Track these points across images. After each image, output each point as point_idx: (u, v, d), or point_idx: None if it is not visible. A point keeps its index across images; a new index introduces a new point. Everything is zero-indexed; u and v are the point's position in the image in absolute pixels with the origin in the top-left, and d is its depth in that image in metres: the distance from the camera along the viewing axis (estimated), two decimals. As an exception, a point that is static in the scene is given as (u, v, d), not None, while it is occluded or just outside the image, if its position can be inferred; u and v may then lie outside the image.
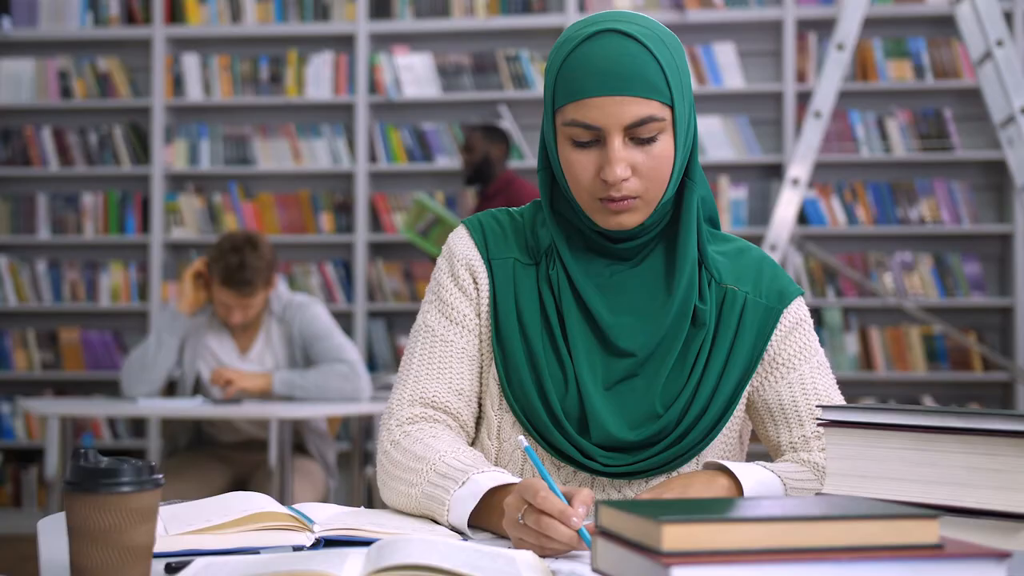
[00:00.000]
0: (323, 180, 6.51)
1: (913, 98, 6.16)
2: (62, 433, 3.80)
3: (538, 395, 1.64)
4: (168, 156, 6.47)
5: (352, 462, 4.72)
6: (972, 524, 1.23)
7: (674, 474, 1.66)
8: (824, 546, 0.97)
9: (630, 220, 1.61)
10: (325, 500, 3.98)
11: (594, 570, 1.11)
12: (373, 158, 6.39)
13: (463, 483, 1.49)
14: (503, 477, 1.49)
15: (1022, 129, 5.11)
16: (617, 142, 1.56)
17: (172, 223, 6.48)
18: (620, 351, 1.65)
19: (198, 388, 4.08)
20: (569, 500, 1.33)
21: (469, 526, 1.48)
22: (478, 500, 1.46)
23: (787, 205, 5.12)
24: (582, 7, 6.26)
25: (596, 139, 1.58)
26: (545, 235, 1.71)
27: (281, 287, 4.08)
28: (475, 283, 1.72)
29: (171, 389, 4.18)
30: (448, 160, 6.31)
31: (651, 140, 1.57)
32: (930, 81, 6.05)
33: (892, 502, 1.19)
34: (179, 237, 6.45)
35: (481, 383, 1.73)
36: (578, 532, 1.29)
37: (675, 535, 0.96)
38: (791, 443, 1.68)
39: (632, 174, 1.58)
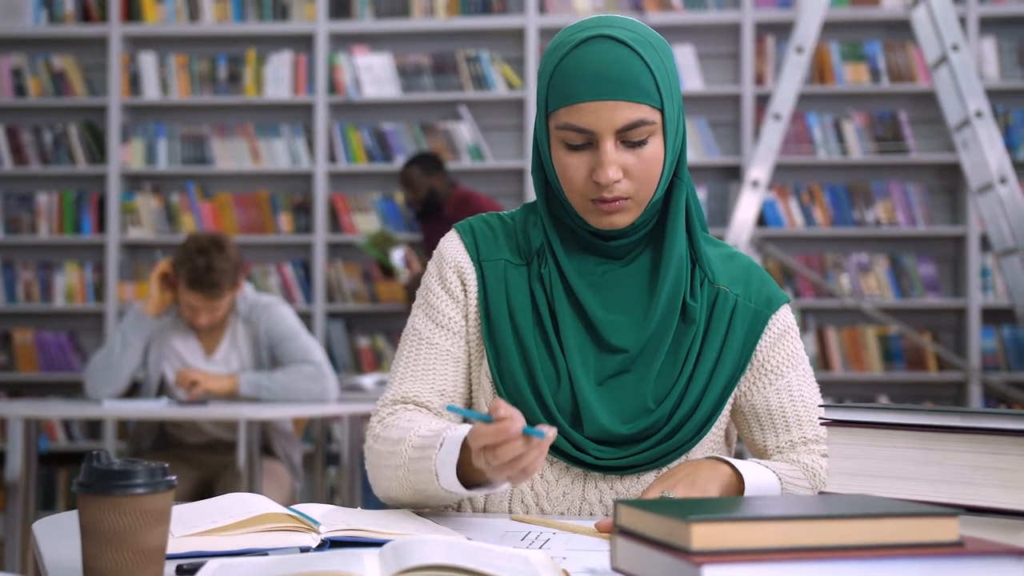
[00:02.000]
0: (282, 180, 6.48)
1: (869, 101, 6.23)
2: (25, 435, 3.76)
3: (530, 390, 1.68)
4: (125, 155, 6.41)
5: (315, 463, 4.70)
6: (977, 522, 1.25)
7: (663, 470, 1.69)
8: (849, 544, 0.99)
9: (622, 220, 1.65)
10: (292, 502, 3.96)
11: (614, 569, 1.12)
12: (332, 158, 6.37)
13: (440, 446, 1.53)
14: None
15: (977, 132, 5.18)
16: (609, 145, 1.60)
17: (129, 223, 6.42)
18: (612, 347, 1.68)
19: (163, 389, 4.05)
20: (492, 414, 1.39)
21: (466, 486, 1.52)
22: (457, 456, 1.50)
23: (747, 207, 5.16)
24: (542, 8, 6.27)
25: (588, 142, 1.62)
26: (536, 236, 1.74)
27: (247, 288, 4.06)
28: (463, 287, 1.75)
29: (135, 390, 4.14)
30: (408, 161, 6.30)
31: (642, 143, 1.61)
32: (886, 84, 6.12)
33: (899, 501, 1.21)
34: (136, 237, 6.39)
35: (471, 383, 1.76)
36: (524, 432, 1.36)
37: (704, 534, 0.97)
38: (777, 447, 1.73)
39: (624, 176, 1.62)
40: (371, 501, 4.66)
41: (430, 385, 1.73)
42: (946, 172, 6.18)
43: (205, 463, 4.01)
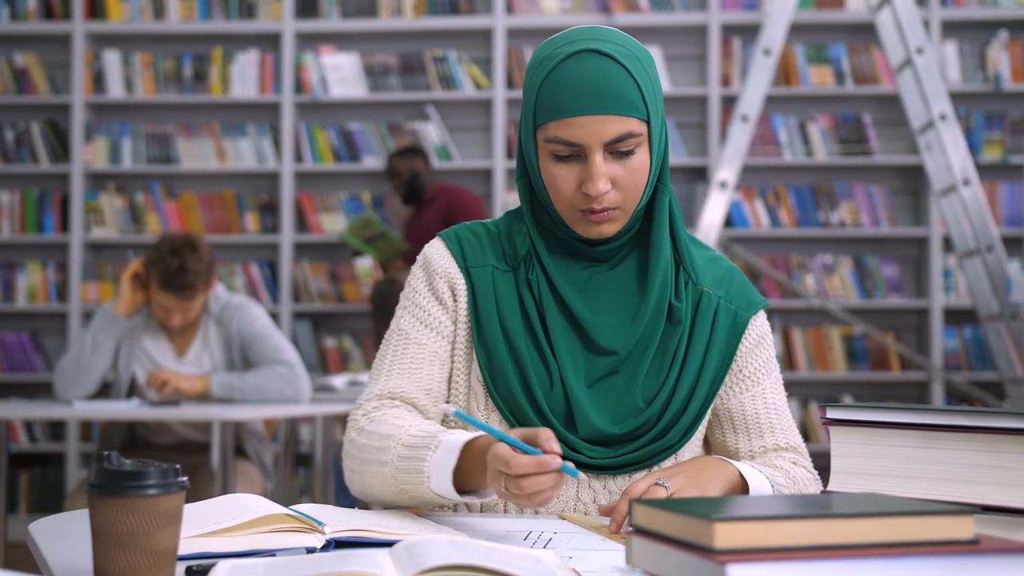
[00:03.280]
0: (248, 180, 6.45)
1: (834, 103, 6.28)
2: (-5, 436, 3.72)
3: (524, 392, 1.69)
4: (88, 154, 6.36)
5: (284, 464, 4.68)
6: (976, 520, 1.27)
7: (655, 469, 1.71)
8: (868, 542, 1.00)
9: (610, 229, 1.69)
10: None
11: (632, 567, 1.13)
12: (299, 158, 6.34)
13: (435, 448, 1.54)
14: (471, 433, 1.55)
15: (941, 134, 5.24)
16: (598, 158, 1.63)
17: (92, 223, 6.37)
18: (602, 349, 1.70)
19: (133, 390, 4.02)
20: (533, 443, 1.41)
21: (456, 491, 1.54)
22: (456, 459, 1.51)
23: (715, 207, 5.19)
24: (510, 9, 6.28)
25: (577, 154, 1.64)
26: (522, 242, 1.76)
27: (219, 288, 4.03)
28: (453, 294, 1.76)
29: (105, 391, 4.10)
30: (375, 161, 6.29)
31: (629, 153, 1.64)
32: (850, 87, 6.17)
33: (915, 500, 1.22)
34: (100, 237, 6.34)
35: (450, 386, 1.77)
36: (561, 470, 1.38)
37: (727, 533, 0.98)
38: (750, 451, 1.77)
39: (612, 186, 1.65)
40: (343, 502, 4.64)
41: (417, 383, 1.73)
42: (909, 174, 6.25)
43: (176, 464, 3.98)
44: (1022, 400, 5.21)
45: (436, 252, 1.79)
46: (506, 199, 6.22)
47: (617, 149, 1.62)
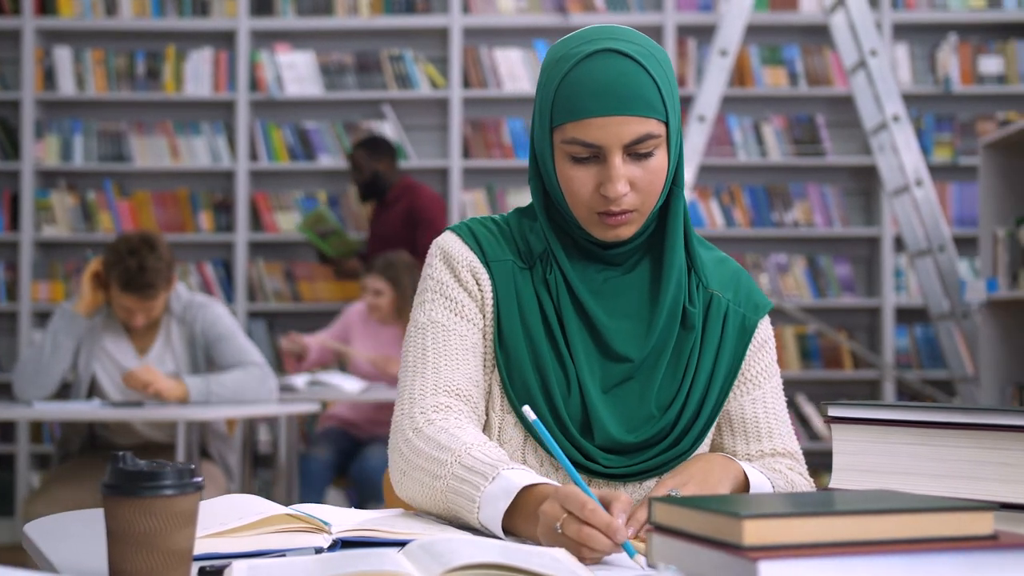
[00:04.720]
0: (202, 178, 6.40)
1: (787, 104, 6.34)
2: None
3: (543, 397, 1.65)
4: (39, 152, 6.28)
5: (244, 465, 4.64)
6: (981, 515, 1.29)
7: (665, 475, 1.69)
8: (891, 538, 1.02)
9: (626, 232, 1.65)
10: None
11: (650, 566, 1.14)
12: (254, 156, 6.30)
13: (493, 479, 1.47)
14: (534, 475, 1.48)
15: (894, 135, 5.31)
16: (617, 160, 1.59)
17: (43, 221, 6.29)
18: (617, 355, 1.67)
19: (93, 390, 3.97)
20: (606, 506, 1.33)
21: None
22: (511, 499, 1.44)
23: (673, 207, 5.22)
24: (466, 9, 6.28)
25: (595, 155, 1.61)
26: (536, 241, 1.72)
27: (180, 287, 3.99)
28: (478, 285, 1.71)
29: (64, 391, 4.05)
30: (331, 160, 6.27)
31: (648, 155, 1.61)
32: (804, 88, 6.23)
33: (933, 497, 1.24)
34: (50, 235, 6.27)
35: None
36: (622, 546, 1.29)
37: (756, 530, 0.99)
38: (747, 455, 1.74)
39: (630, 188, 1.61)
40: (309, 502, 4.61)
41: (466, 375, 1.67)
42: (861, 175, 6.32)
43: (137, 465, 3.93)
44: (972, 398, 5.29)
45: (453, 244, 1.73)
46: (462, 199, 6.21)
47: (636, 151, 1.59)
